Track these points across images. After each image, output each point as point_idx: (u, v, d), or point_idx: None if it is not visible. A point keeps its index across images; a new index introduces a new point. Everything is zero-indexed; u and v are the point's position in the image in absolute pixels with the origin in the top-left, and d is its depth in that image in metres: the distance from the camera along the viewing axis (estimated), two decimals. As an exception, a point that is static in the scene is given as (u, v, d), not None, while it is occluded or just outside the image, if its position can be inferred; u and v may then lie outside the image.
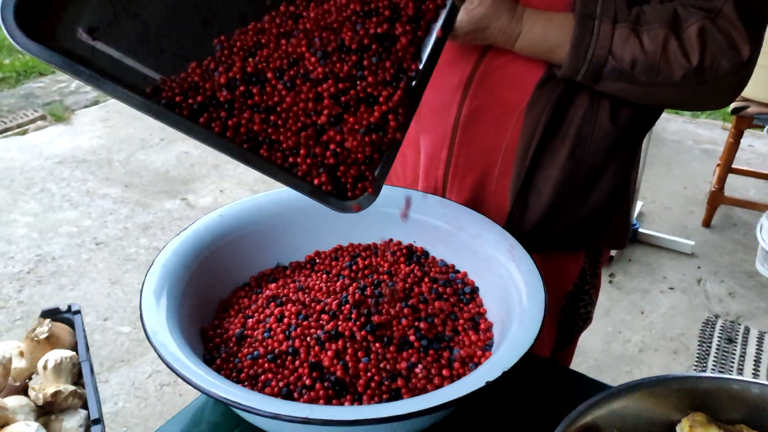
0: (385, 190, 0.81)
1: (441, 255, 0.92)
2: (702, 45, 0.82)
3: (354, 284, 0.82)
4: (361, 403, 0.69)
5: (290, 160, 0.72)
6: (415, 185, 1.05)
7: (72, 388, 0.79)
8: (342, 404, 0.69)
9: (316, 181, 0.73)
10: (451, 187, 0.99)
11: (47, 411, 0.78)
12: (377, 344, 0.74)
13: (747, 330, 2.27)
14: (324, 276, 0.86)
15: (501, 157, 0.95)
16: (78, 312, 0.92)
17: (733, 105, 2.67)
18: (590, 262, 1.07)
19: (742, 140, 2.71)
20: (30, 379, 0.83)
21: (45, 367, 0.80)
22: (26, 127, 3.71)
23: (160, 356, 0.66)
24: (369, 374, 0.71)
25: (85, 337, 0.88)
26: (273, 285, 0.85)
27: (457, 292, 0.85)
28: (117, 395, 2.02)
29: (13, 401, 0.77)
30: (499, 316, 0.80)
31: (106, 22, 0.66)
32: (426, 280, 0.86)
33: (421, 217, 0.93)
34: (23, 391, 0.80)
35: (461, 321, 0.81)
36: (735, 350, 2.18)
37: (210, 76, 0.69)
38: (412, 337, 0.76)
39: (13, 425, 0.73)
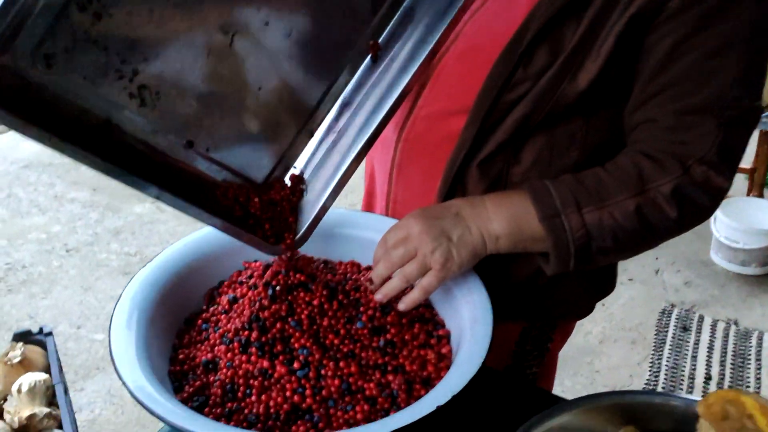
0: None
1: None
2: (679, 202, 0.82)
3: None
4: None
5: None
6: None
7: (47, 410, 0.82)
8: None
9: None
10: None
11: (23, 433, 0.78)
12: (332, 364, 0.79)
13: (701, 318, 2.37)
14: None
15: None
16: (50, 333, 0.95)
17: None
18: (534, 334, 1.05)
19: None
20: (5, 401, 0.85)
21: (19, 391, 0.83)
22: (-10, 130, 3.68)
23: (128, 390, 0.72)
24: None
25: (58, 358, 0.92)
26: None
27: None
28: (93, 403, 2.05)
29: (-11, 424, 0.78)
30: (453, 335, 0.86)
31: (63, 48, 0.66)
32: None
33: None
34: (-1, 413, 0.81)
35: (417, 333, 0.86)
36: (690, 338, 2.29)
37: None
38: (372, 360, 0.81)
39: (-9, 449, 0.76)
